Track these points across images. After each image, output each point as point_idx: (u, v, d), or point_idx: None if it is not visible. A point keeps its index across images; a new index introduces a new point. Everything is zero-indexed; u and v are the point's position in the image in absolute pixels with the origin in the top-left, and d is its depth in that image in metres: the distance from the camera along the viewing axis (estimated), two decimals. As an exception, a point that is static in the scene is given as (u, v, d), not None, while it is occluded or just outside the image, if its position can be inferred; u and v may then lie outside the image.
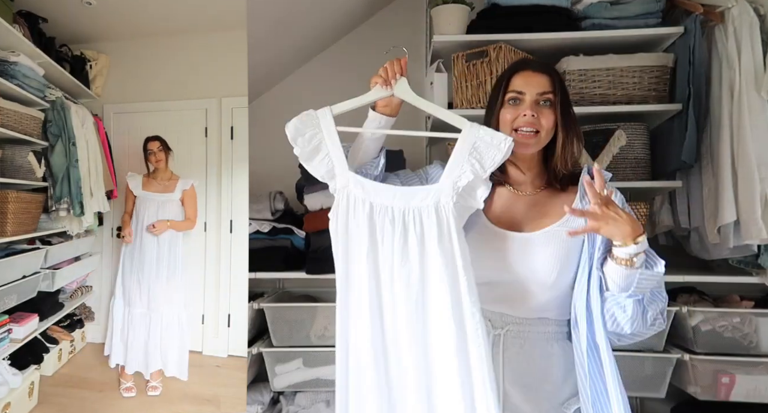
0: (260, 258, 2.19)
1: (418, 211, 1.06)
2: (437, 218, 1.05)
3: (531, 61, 1.28)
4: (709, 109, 1.97)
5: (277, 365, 2.16)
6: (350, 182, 1.11)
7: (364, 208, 1.09)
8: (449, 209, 1.06)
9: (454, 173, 1.09)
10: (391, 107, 1.19)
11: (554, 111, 1.17)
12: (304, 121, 1.15)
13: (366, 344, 1.07)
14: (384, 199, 1.08)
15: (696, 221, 2.04)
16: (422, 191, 1.09)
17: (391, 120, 1.21)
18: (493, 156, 1.08)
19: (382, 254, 1.07)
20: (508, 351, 1.14)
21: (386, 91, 1.16)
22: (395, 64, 1.16)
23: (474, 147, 1.10)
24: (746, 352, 1.99)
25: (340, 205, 1.11)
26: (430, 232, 1.05)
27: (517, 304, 1.15)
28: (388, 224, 1.07)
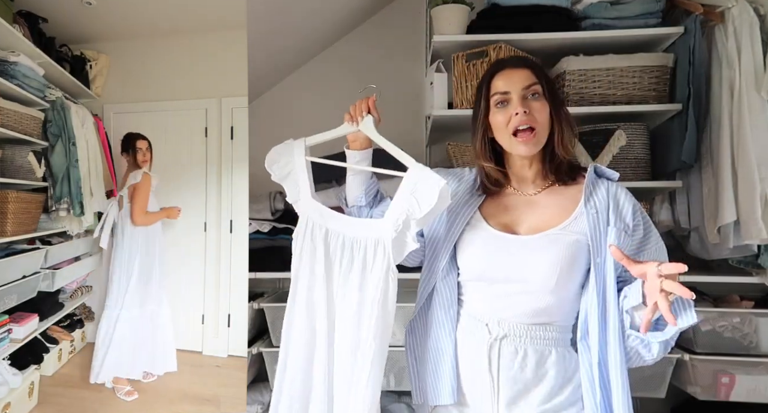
0: (260, 258, 2.19)
1: (363, 241, 1.17)
2: (374, 251, 1.16)
3: (507, 60, 1.25)
4: (709, 109, 1.96)
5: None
6: (310, 207, 1.25)
7: (320, 232, 1.22)
8: (387, 244, 1.14)
9: (396, 210, 1.15)
10: (360, 142, 1.27)
11: (545, 102, 1.15)
12: (279, 150, 1.29)
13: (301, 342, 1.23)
14: (338, 226, 1.21)
15: (696, 221, 2.04)
16: (368, 224, 1.20)
17: (364, 153, 1.28)
18: (430, 197, 1.11)
19: (336, 272, 1.21)
20: (504, 358, 1.12)
21: (353, 128, 1.25)
22: (363, 102, 1.24)
23: (416, 187, 1.14)
24: (746, 352, 1.99)
25: (300, 226, 1.26)
26: (369, 263, 1.16)
27: (518, 309, 1.13)
28: (339, 249, 1.20)
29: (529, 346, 1.12)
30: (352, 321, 1.17)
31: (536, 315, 1.12)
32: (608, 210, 1.12)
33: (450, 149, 2.19)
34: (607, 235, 1.09)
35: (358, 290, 1.17)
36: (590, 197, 1.13)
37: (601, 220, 1.11)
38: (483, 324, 1.15)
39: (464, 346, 1.18)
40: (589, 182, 1.16)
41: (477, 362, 1.15)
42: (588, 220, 1.10)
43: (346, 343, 1.17)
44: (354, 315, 1.16)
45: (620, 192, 1.16)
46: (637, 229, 1.12)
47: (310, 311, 1.23)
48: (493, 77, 1.18)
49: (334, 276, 1.21)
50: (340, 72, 2.60)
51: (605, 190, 1.15)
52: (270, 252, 2.23)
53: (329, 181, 2.17)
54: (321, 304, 1.21)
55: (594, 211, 1.11)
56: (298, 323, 1.24)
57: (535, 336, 1.12)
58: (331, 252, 1.21)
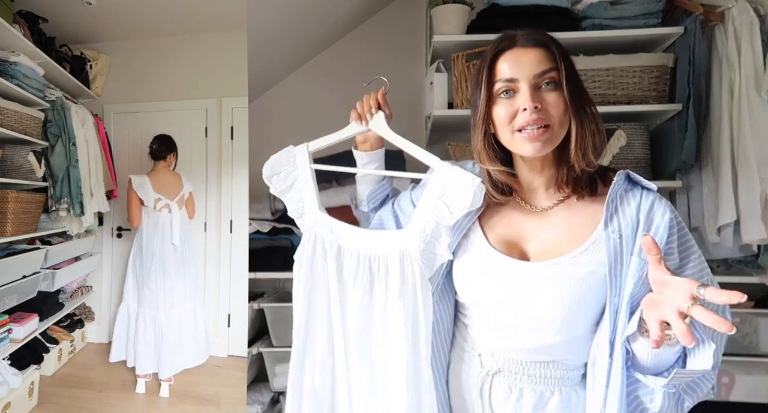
0: (260, 258, 2.19)
1: (384, 257, 0.99)
2: (401, 267, 0.97)
3: (517, 34, 0.92)
4: (709, 109, 1.96)
5: (277, 365, 2.16)
6: (318, 221, 1.06)
7: (332, 249, 1.03)
8: (415, 258, 0.96)
9: (423, 219, 0.98)
10: (371, 142, 1.11)
11: (562, 93, 0.89)
12: (279, 159, 1.12)
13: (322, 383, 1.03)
14: (351, 241, 1.02)
15: (696, 221, 2.04)
16: (389, 236, 1.01)
17: (375, 154, 1.13)
18: (463, 200, 0.94)
19: (350, 297, 1.01)
20: (495, 397, 0.94)
21: (362, 127, 1.09)
22: (371, 97, 1.07)
23: (444, 190, 0.97)
24: (746, 352, 1.99)
25: (306, 246, 1.06)
26: (394, 282, 0.97)
27: (518, 343, 0.93)
28: (353, 269, 1.01)
29: (525, 385, 0.93)
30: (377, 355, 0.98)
31: (537, 353, 0.93)
32: (636, 233, 0.86)
33: (450, 149, 2.19)
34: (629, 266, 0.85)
35: (382, 314, 0.97)
36: (614, 215, 0.88)
37: (625, 247, 0.86)
38: (476, 355, 0.98)
39: (454, 376, 1.01)
40: (615, 195, 0.89)
41: (468, 397, 0.99)
42: (607, 247, 0.86)
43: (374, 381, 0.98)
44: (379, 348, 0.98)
45: (657, 208, 0.87)
46: (670, 256, 0.86)
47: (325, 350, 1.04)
48: (497, 58, 0.92)
49: (349, 302, 1.01)
50: (341, 72, 2.60)
51: (636, 206, 0.88)
52: (270, 252, 2.23)
53: (329, 181, 2.17)
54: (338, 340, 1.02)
55: (617, 235, 0.86)
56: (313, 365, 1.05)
57: (533, 374, 0.93)
58: (345, 273, 1.01)
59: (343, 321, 1.01)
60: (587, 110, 0.92)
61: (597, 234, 0.89)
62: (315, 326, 1.05)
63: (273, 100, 2.65)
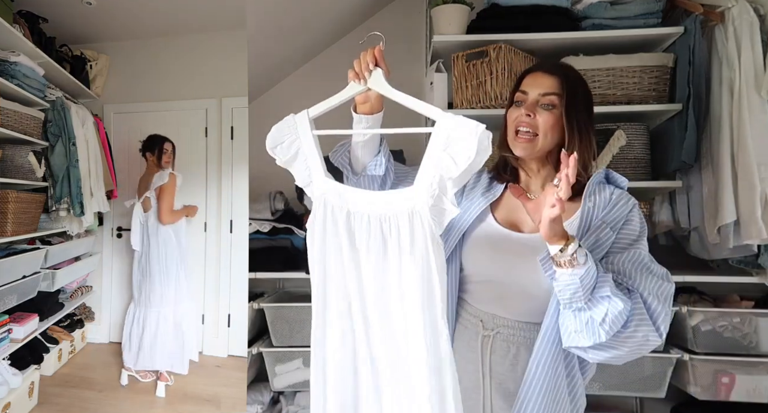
0: (260, 258, 2.19)
1: (395, 217, 0.97)
2: (410, 225, 0.96)
3: (545, 63, 1.22)
4: (709, 109, 1.96)
5: (277, 365, 2.16)
6: (327, 189, 1.04)
7: (341, 216, 1.01)
8: (424, 214, 0.95)
9: (429, 173, 0.96)
10: (371, 103, 1.10)
11: (555, 114, 1.12)
12: (281, 128, 1.10)
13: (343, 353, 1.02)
14: (361, 206, 1.01)
15: (696, 221, 2.04)
16: (397, 196, 0.99)
17: (376, 117, 1.12)
18: (467, 149, 0.92)
19: (364, 262, 1.00)
20: (495, 354, 1.11)
21: (361, 86, 1.07)
22: (368, 54, 1.06)
23: (448, 141, 0.95)
24: (746, 352, 1.99)
25: (317, 213, 1.04)
26: (405, 242, 0.96)
27: (512, 306, 1.12)
28: (365, 233, 0.99)
29: (521, 344, 1.10)
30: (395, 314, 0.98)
31: (531, 315, 1.11)
32: (605, 208, 1.09)
33: (450, 149, 2.19)
34: (594, 232, 1.06)
35: (398, 275, 0.97)
36: (591, 195, 1.11)
37: (594, 215, 1.09)
38: (477, 320, 1.14)
39: (458, 342, 1.16)
40: (595, 181, 1.13)
41: (469, 357, 1.14)
42: (582, 210, 1.09)
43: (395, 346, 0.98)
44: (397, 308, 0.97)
45: (623, 199, 1.11)
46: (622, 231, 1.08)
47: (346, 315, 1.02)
48: (525, 75, 1.19)
49: (363, 267, 1.00)
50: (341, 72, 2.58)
51: (609, 194, 1.12)
52: (270, 252, 2.23)
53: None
54: (357, 304, 1.01)
55: (591, 204, 1.09)
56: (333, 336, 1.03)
57: (528, 335, 1.10)
58: (357, 238, 1.00)
59: (360, 286, 1.00)
60: (584, 135, 1.14)
61: (580, 211, 1.10)
62: (332, 291, 1.03)
63: (273, 100, 2.65)
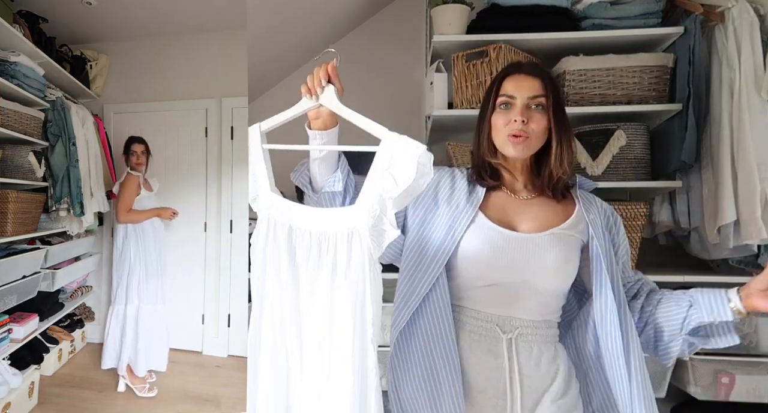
0: (260, 258, 2.19)
1: (333, 235, 0.96)
2: (348, 245, 0.94)
3: (523, 64, 1.22)
4: (709, 109, 1.96)
5: (277, 365, 2.16)
6: (272, 203, 1.04)
7: (283, 231, 1.01)
8: (363, 235, 0.93)
9: (371, 192, 0.94)
10: (324, 119, 1.07)
11: (546, 115, 1.15)
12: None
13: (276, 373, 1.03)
14: (304, 222, 0.99)
15: (696, 221, 2.04)
16: (339, 213, 0.98)
17: (331, 133, 1.08)
18: (408, 169, 0.91)
19: (302, 280, 0.99)
20: (521, 356, 1.10)
21: (312, 102, 1.05)
22: (321, 70, 1.05)
23: (391, 161, 0.94)
24: (746, 352, 1.99)
25: (260, 227, 1.04)
26: (341, 261, 0.95)
27: (525, 306, 1.12)
28: (304, 249, 0.98)
29: (541, 342, 1.12)
30: (322, 335, 0.96)
31: (542, 313, 1.13)
32: (599, 216, 1.19)
33: (450, 149, 2.19)
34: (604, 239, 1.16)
35: (327, 295, 0.95)
36: (584, 201, 1.20)
37: (599, 224, 1.18)
38: (493, 325, 1.11)
39: (473, 352, 1.11)
40: (581, 193, 1.22)
41: (491, 364, 1.10)
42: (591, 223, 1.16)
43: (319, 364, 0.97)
44: (326, 328, 0.95)
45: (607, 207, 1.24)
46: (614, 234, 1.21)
47: (279, 332, 1.02)
48: (505, 78, 1.19)
49: (301, 283, 0.99)
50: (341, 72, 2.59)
51: (593, 199, 1.23)
52: (270, 252, 2.23)
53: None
54: (290, 322, 1.00)
55: (593, 215, 1.18)
56: (267, 347, 1.04)
57: (544, 332, 1.13)
58: (297, 254, 0.99)
59: (297, 303, 0.99)
60: (567, 133, 1.17)
61: (577, 213, 1.17)
62: (267, 307, 1.04)
63: (273, 100, 2.64)
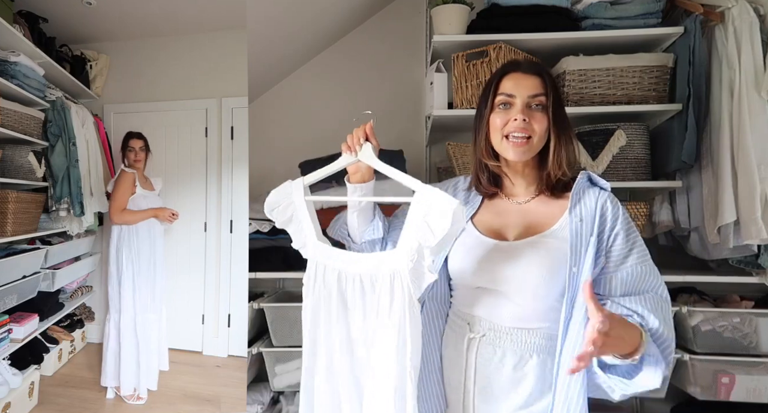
0: (260, 258, 2.19)
1: (377, 278, 1.08)
2: (390, 287, 1.06)
3: (521, 63, 1.20)
4: (709, 109, 1.96)
5: (277, 365, 2.16)
6: (318, 250, 1.17)
7: (333, 274, 1.13)
8: (404, 277, 1.05)
9: (409, 238, 1.05)
10: (362, 173, 1.20)
11: (546, 114, 1.12)
12: (278, 193, 1.22)
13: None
14: (349, 265, 1.12)
15: (696, 221, 2.04)
16: (381, 257, 1.10)
17: (368, 186, 1.21)
18: (444, 221, 1.01)
19: (351, 320, 1.11)
20: (481, 357, 1.12)
21: (352, 158, 1.18)
22: (359, 130, 1.17)
23: (428, 210, 1.04)
24: (746, 352, 1.99)
25: (310, 273, 1.17)
26: (384, 302, 1.06)
27: (500, 312, 1.12)
28: (350, 291, 1.11)
29: (508, 348, 1.10)
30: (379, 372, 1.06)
31: (519, 320, 1.10)
32: (594, 219, 1.08)
33: (450, 149, 2.19)
34: (588, 246, 1.06)
35: (372, 335, 1.07)
36: (577, 204, 1.11)
37: (585, 229, 1.08)
38: (464, 323, 1.15)
39: (447, 345, 1.19)
40: (579, 189, 1.13)
41: (456, 357, 1.16)
42: (570, 228, 1.08)
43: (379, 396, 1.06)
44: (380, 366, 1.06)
45: (608, 201, 1.10)
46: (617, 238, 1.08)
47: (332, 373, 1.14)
48: (503, 77, 1.16)
49: (352, 323, 1.11)
50: (340, 72, 2.60)
51: (595, 199, 1.10)
52: (270, 252, 2.22)
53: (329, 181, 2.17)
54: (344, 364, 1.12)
55: (578, 219, 1.08)
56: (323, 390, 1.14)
57: (516, 339, 1.10)
58: (348, 297, 1.12)
59: (348, 343, 1.11)
60: (567, 131, 1.14)
61: (563, 220, 1.11)
62: (320, 350, 1.14)
63: (273, 100, 2.65)
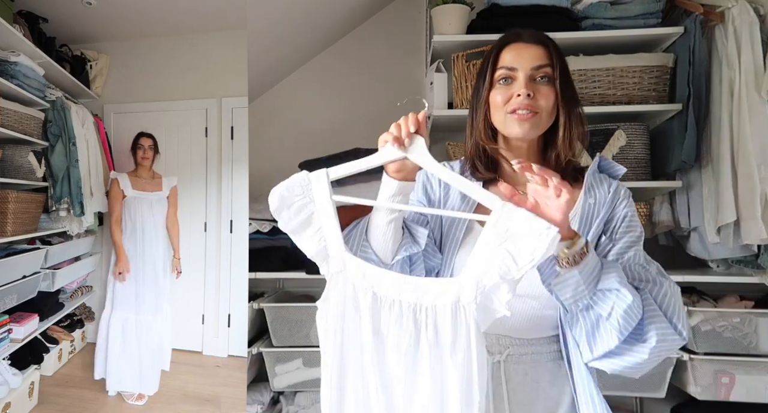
0: (260, 258, 2.19)
1: (432, 309, 0.84)
2: (453, 320, 0.83)
3: (522, 32, 1.02)
4: (709, 109, 1.97)
5: (277, 365, 2.16)
6: (347, 265, 0.88)
7: (365, 299, 0.86)
8: (470, 311, 0.82)
9: (479, 267, 0.83)
10: (406, 172, 0.92)
11: (553, 87, 0.97)
12: (292, 187, 0.90)
13: None
14: (389, 290, 0.86)
15: (696, 221, 2.04)
16: (439, 284, 0.86)
17: (408, 186, 0.94)
18: (533, 250, 0.79)
19: (390, 355, 0.85)
20: (511, 381, 0.97)
21: (398, 153, 0.89)
22: (410, 119, 0.90)
23: (508, 235, 0.82)
24: (746, 352, 1.99)
25: (332, 293, 0.88)
26: (445, 338, 0.83)
27: (516, 322, 0.97)
28: (392, 321, 0.85)
29: (536, 363, 0.99)
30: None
31: (540, 328, 0.99)
32: (604, 205, 0.99)
33: (450, 148, 2.19)
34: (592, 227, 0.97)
35: (430, 373, 0.83)
36: (591, 188, 1.00)
37: (594, 212, 0.98)
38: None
39: None
40: (592, 172, 1.02)
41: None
42: (583, 206, 0.97)
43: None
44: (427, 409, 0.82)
45: (619, 190, 1.02)
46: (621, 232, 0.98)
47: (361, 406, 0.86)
48: (502, 49, 1.00)
49: (387, 356, 0.85)
50: (341, 72, 2.60)
51: (607, 186, 1.01)
52: (270, 252, 2.23)
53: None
54: (377, 396, 0.85)
55: (593, 201, 0.98)
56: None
57: (541, 350, 1.00)
58: (383, 327, 0.85)
59: (383, 377, 0.85)
60: (575, 108, 1.01)
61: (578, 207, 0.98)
62: (348, 388, 0.87)
63: (273, 100, 2.65)
